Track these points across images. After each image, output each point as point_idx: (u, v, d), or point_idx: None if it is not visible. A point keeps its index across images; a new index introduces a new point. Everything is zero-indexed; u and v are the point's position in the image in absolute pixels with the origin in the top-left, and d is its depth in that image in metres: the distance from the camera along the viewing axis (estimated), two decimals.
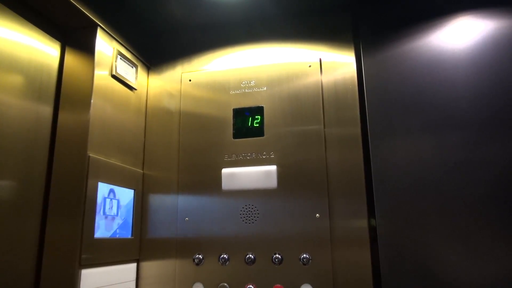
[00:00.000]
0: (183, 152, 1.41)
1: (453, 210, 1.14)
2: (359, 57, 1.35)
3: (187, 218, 1.35)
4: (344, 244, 1.22)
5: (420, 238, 1.15)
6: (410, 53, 1.29)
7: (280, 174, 1.30)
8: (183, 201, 1.37)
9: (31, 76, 1.12)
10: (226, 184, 1.34)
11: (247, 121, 1.38)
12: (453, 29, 1.26)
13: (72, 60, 1.22)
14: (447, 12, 1.28)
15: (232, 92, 1.42)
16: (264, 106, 1.37)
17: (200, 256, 1.30)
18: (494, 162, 1.13)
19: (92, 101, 1.17)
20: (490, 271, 1.09)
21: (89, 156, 1.14)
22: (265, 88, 1.39)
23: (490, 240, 1.10)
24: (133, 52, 1.42)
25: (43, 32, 1.17)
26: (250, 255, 1.26)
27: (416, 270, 1.14)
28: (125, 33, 1.37)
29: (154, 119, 1.48)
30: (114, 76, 1.29)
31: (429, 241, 1.15)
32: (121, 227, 1.28)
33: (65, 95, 1.20)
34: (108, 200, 1.22)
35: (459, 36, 1.25)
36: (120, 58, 1.33)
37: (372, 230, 1.21)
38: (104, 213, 1.19)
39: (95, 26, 1.22)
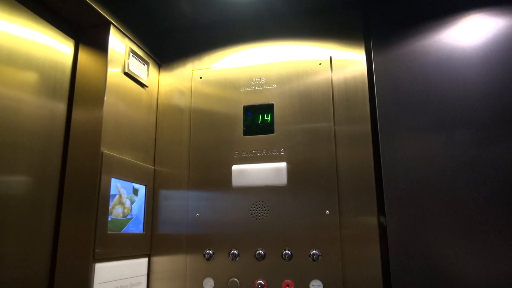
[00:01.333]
0: (194, 148, 1.43)
1: (462, 207, 1.15)
2: (370, 54, 1.35)
3: (197, 214, 1.36)
4: (354, 240, 1.22)
5: (430, 235, 1.16)
6: (421, 50, 1.29)
7: (290, 171, 1.31)
8: (193, 197, 1.38)
9: (45, 74, 1.13)
10: (236, 181, 1.35)
11: (257, 118, 1.38)
12: (464, 27, 1.26)
13: (86, 58, 1.24)
14: (458, 9, 1.28)
15: (242, 90, 1.43)
16: (274, 103, 1.38)
17: (210, 251, 1.32)
18: (504, 160, 1.13)
19: (105, 98, 1.19)
20: (500, 268, 1.09)
21: (102, 152, 1.15)
22: (275, 86, 1.40)
23: (500, 238, 1.10)
24: (144, 49, 1.43)
25: (57, 30, 1.19)
26: (260, 251, 1.27)
27: (426, 266, 1.14)
28: (137, 31, 1.39)
29: (165, 116, 1.50)
30: (126, 74, 1.31)
31: (439, 238, 1.15)
32: (133, 222, 1.30)
33: (79, 92, 1.22)
34: None
35: (470, 34, 1.25)
36: (132, 56, 1.34)
37: (382, 226, 1.22)
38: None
39: (108, 24, 1.24)
